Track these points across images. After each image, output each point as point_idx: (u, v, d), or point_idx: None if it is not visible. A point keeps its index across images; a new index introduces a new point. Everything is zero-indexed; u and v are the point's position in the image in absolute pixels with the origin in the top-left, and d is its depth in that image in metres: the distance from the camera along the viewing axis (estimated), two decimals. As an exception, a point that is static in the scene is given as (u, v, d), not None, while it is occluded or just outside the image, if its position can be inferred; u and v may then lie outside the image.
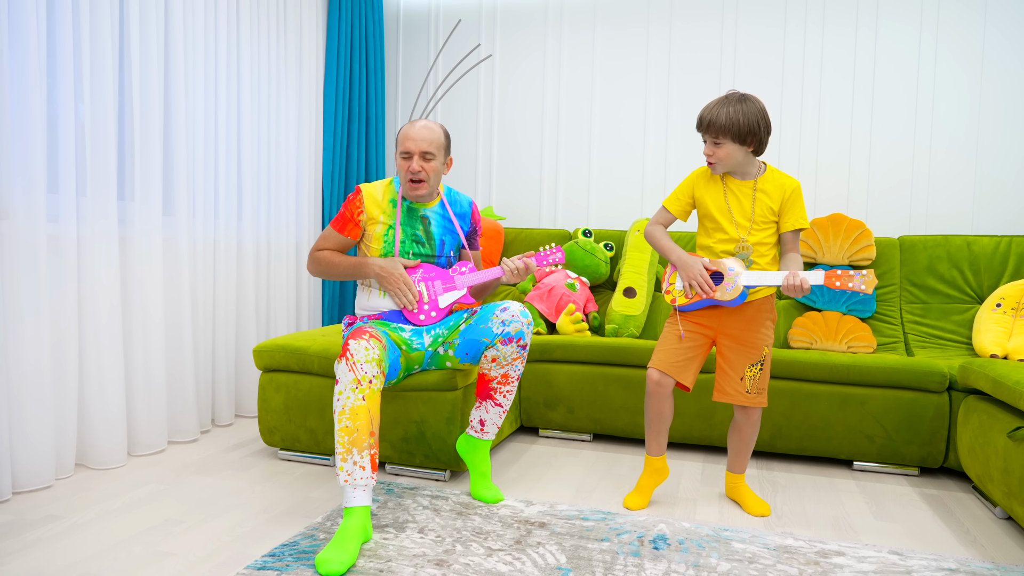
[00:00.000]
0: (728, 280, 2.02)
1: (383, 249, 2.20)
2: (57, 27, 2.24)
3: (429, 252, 2.24)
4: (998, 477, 2.05)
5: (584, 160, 3.91)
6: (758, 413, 2.15)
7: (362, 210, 2.21)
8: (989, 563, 1.81)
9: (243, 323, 3.19)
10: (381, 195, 2.24)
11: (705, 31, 3.69)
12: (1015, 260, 3.07)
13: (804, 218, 2.06)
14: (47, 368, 2.21)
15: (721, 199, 2.09)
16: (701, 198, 2.13)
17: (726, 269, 2.03)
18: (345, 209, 2.23)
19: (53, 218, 2.30)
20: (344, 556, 1.66)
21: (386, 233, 2.21)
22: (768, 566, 1.75)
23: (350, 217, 2.22)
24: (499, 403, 2.19)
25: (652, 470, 2.20)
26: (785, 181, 2.07)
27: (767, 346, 2.11)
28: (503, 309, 2.12)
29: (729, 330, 2.11)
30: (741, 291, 2.01)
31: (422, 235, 2.24)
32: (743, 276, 2.00)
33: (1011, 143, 3.32)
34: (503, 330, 2.10)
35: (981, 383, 2.21)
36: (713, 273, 2.05)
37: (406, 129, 2.18)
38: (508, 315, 2.11)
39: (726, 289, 2.02)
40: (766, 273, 1.99)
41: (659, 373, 2.11)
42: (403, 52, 4.23)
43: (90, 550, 1.76)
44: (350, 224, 2.22)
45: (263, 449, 2.72)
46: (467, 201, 2.36)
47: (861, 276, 1.89)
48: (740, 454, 2.21)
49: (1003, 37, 3.31)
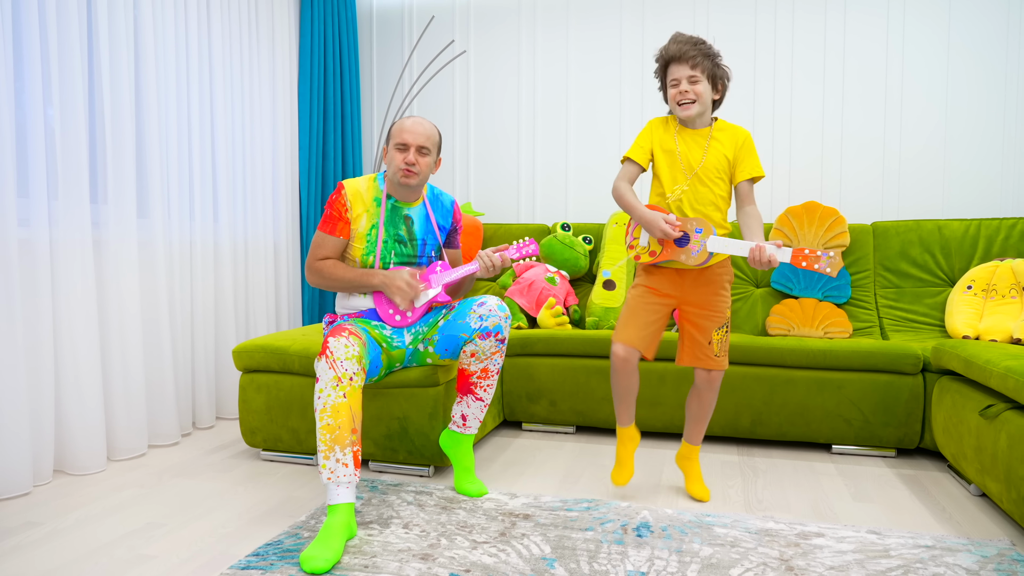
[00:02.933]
0: (694, 243, 1.96)
1: (365, 249, 2.18)
2: (24, 31, 2.21)
3: (411, 252, 2.23)
4: (971, 455, 2.09)
5: (561, 154, 3.93)
6: (720, 376, 2.14)
7: (347, 206, 2.17)
8: (964, 539, 1.85)
9: (222, 324, 3.17)
10: (365, 192, 2.20)
11: (678, 23, 3.71)
12: (984, 243, 3.13)
13: (759, 167, 2.03)
14: (22, 374, 2.18)
15: (672, 145, 2.04)
16: (655, 146, 2.07)
17: (693, 231, 1.97)
18: (331, 209, 2.17)
19: (24, 223, 2.27)
20: (329, 553, 1.66)
21: (369, 232, 2.18)
22: (749, 549, 1.78)
23: (339, 216, 2.17)
24: (480, 397, 2.20)
25: (627, 438, 2.18)
26: (737, 130, 2.05)
27: (728, 308, 2.11)
28: (480, 304, 2.13)
29: (692, 297, 2.09)
30: (706, 257, 1.96)
31: (404, 235, 2.22)
32: (710, 241, 1.94)
33: (978, 128, 3.38)
34: (481, 324, 2.10)
35: (953, 364, 2.26)
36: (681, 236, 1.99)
37: (404, 123, 2.15)
38: (485, 309, 2.11)
39: (691, 252, 1.97)
40: (733, 241, 1.91)
41: (625, 348, 2.05)
42: (377, 49, 4.21)
43: (70, 555, 1.74)
44: (340, 223, 2.17)
45: (245, 450, 2.70)
46: (449, 200, 2.36)
47: (828, 258, 1.85)
48: (699, 423, 2.20)
49: (968, 24, 3.36)
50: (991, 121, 3.37)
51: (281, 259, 3.58)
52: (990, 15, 3.34)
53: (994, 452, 1.94)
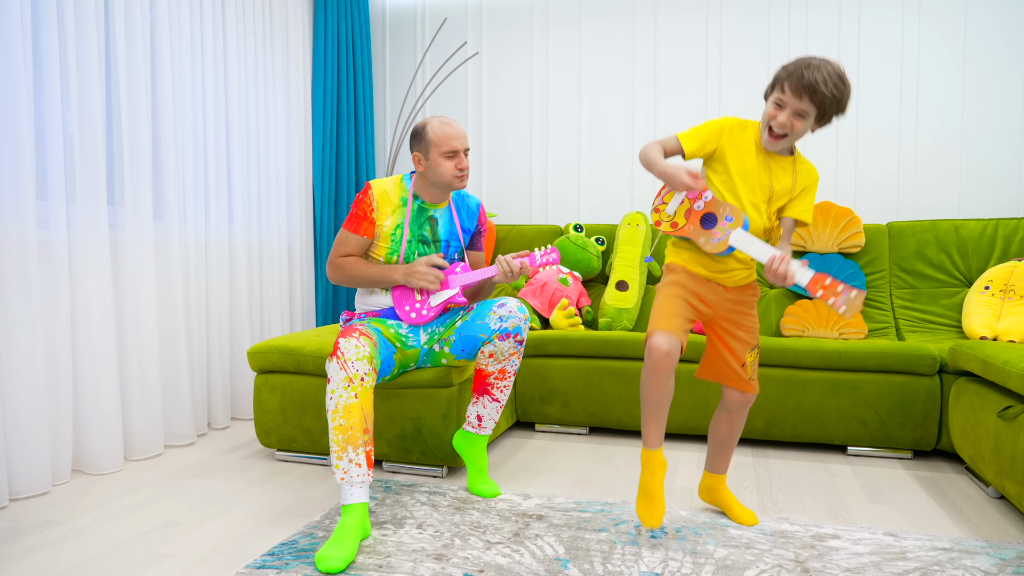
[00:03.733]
0: (719, 229, 1.77)
1: (389, 248, 2.19)
2: (42, 38, 2.24)
3: (434, 254, 2.24)
4: (989, 457, 2.07)
5: (573, 155, 3.92)
6: (754, 399, 1.96)
7: (374, 207, 2.18)
8: (983, 541, 1.83)
9: (237, 325, 3.19)
10: (392, 192, 2.21)
11: (690, 24, 3.70)
12: (1002, 243, 3.09)
13: (811, 212, 1.85)
14: (41, 374, 2.21)
15: (752, 165, 1.80)
16: (724, 152, 1.82)
17: (723, 216, 1.77)
18: (357, 208, 2.19)
19: (43, 225, 2.30)
20: (343, 552, 1.67)
21: (393, 232, 2.19)
22: (764, 551, 1.77)
23: (364, 215, 2.18)
24: (496, 398, 2.20)
25: (657, 466, 1.78)
26: (811, 168, 1.86)
27: (758, 329, 1.99)
28: (500, 305, 2.13)
29: (726, 313, 1.90)
30: (726, 247, 1.76)
31: (428, 236, 2.24)
32: (735, 233, 1.75)
33: (995, 127, 3.35)
34: (500, 326, 2.11)
35: (971, 364, 2.24)
36: (706, 214, 1.79)
37: (444, 129, 2.13)
38: (505, 311, 2.12)
39: (713, 238, 1.78)
40: (757, 242, 1.73)
41: (668, 339, 1.70)
42: (390, 52, 4.23)
43: (89, 554, 1.76)
44: (365, 223, 2.18)
45: (260, 450, 2.72)
46: (475, 203, 2.37)
47: (847, 297, 1.62)
48: (727, 449, 2.01)
49: (984, 22, 3.33)
50: (1008, 120, 3.33)
51: (295, 261, 3.60)
52: (1007, 12, 3.30)
53: (1013, 454, 1.91)
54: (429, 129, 2.15)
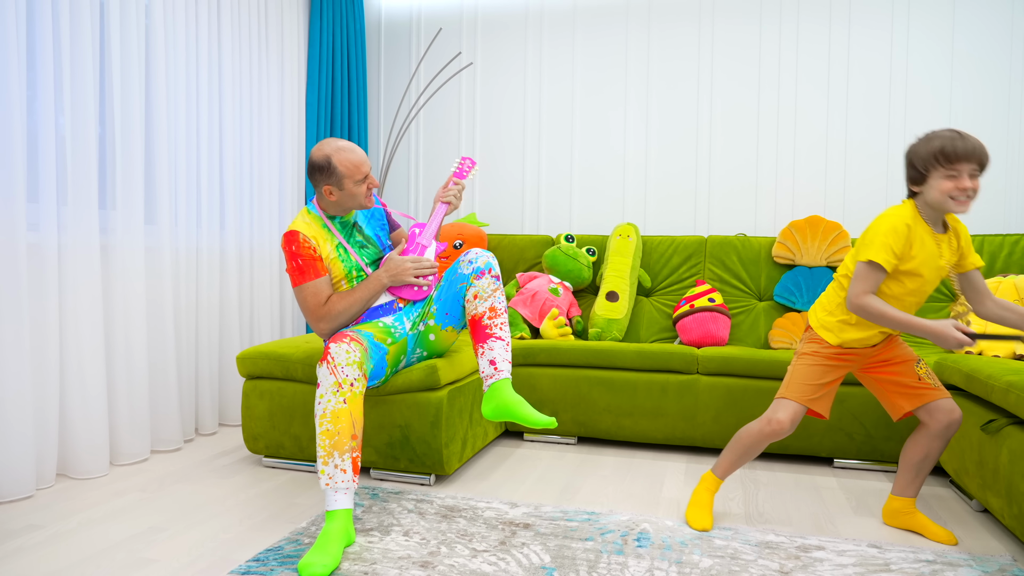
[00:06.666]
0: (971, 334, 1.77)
1: (345, 269, 2.23)
2: (36, 41, 2.24)
3: (375, 251, 2.33)
4: (973, 470, 2.09)
5: (566, 166, 3.95)
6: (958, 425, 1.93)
7: (312, 245, 2.17)
8: (966, 554, 1.84)
9: (226, 331, 3.18)
10: (312, 225, 2.21)
11: (682, 35, 3.74)
12: (987, 259, 3.12)
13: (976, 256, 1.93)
14: (28, 377, 2.20)
15: (935, 252, 1.85)
16: (908, 250, 1.83)
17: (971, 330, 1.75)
18: (299, 257, 2.15)
19: (33, 227, 2.30)
20: (327, 559, 1.66)
21: (339, 253, 2.23)
22: (750, 561, 1.78)
23: (312, 256, 2.16)
24: (499, 336, 2.13)
25: (715, 487, 2.08)
26: (960, 223, 1.93)
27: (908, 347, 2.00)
28: (464, 255, 2.22)
29: (873, 357, 1.99)
30: None
31: (362, 239, 2.31)
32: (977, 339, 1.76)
33: (981, 141, 3.38)
34: (473, 267, 2.17)
35: (955, 378, 2.26)
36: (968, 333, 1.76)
37: (350, 157, 2.14)
38: (472, 255, 2.20)
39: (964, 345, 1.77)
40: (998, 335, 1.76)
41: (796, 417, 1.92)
42: (385, 60, 4.25)
43: (72, 558, 1.75)
44: (317, 263, 2.17)
45: (247, 457, 2.71)
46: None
47: None
48: (922, 474, 2.01)
49: (972, 35, 3.38)
50: (995, 136, 3.38)
51: (286, 267, 3.60)
52: (994, 25, 3.35)
53: (995, 467, 1.93)
54: (335, 162, 2.13)
